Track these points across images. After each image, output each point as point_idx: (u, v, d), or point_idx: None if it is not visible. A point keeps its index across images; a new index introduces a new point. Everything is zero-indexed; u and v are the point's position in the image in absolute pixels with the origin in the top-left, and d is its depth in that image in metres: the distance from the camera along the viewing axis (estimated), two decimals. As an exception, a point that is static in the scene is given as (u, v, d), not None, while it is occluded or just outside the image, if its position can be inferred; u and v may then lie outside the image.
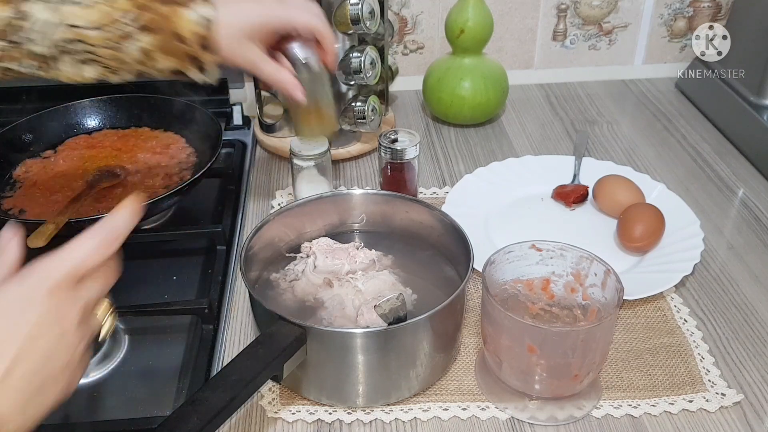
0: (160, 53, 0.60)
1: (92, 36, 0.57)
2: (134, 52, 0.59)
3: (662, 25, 1.24)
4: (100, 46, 0.58)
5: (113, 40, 0.58)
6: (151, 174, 0.92)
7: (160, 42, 0.59)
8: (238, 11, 0.63)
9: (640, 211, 0.84)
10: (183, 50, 0.60)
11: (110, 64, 0.60)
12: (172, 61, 0.61)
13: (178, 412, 0.54)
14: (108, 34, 0.57)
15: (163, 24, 0.59)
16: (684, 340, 0.73)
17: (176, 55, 0.60)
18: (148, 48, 0.59)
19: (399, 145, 0.86)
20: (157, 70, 0.62)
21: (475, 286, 0.80)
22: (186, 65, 0.61)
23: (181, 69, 0.62)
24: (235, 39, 0.63)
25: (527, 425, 0.65)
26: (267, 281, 0.76)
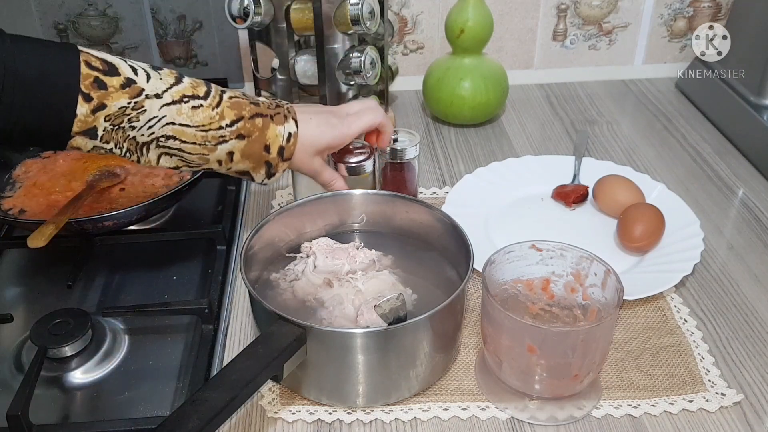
0: (241, 157, 0.67)
1: (190, 134, 0.63)
2: (221, 154, 0.66)
3: (662, 25, 1.24)
4: (195, 143, 0.64)
5: (208, 140, 0.65)
6: (151, 174, 0.92)
7: (246, 148, 0.67)
8: (314, 134, 0.73)
9: (640, 211, 0.84)
10: (263, 157, 0.69)
11: (191, 160, 0.66)
12: (247, 164, 0.68)
13: (178, 412, 0.54)
14: (206, 135, 0.64)
15: (256, 134, 0.67)
16: (684, 340, 0.73)
17: (255, 160, 0.68)
18: (233, 151, 0.67)
19: (399, 145, 0.86)
20: (228, 169, 0.69)
21: (475, 286, 0.80)
22: (258, 169, 0.69)
23: (251, 171, 0.69)
24: (307, 154, 0.73)
25: (527, 425, 0.65)
26: (267, 281, 0.76)
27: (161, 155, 0.64)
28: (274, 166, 0.71)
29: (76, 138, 0.60)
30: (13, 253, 0.89)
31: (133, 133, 0.61)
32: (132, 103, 0.60)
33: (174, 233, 0.89)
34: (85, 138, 0.60)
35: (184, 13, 1.16)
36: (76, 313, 0.74)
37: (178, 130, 0.63)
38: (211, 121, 0.65)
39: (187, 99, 0.64)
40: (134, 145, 0.62)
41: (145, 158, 0.64)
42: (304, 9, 0.95)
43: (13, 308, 0.80)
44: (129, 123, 0.61)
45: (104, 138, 0.61)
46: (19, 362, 0.73)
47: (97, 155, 0.94)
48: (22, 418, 0.62)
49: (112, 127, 0.60)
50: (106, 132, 0.60)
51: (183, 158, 0.66)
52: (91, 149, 0.62)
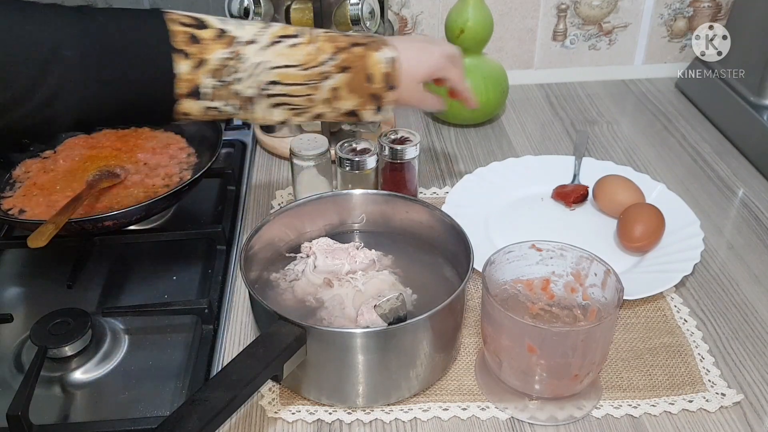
0: (346, 91, 0.65)
1: (293, 75, 0.62)
2: (325, 91, 0.64)
3: (662, 25, 1.24)
4: (298, 84, 0.63)
5: (313, 78, 0.63)
6: (151, 174, 0.92)
7: (350, 81, 0.65)
8: (415, 58, 0.71)
9: (640, 211, 0.84)
10: (368, 89, 0.66)
11: (299, 104, 0.64)
12: (354, 99, 0.66)
13: (178, 412, 0.54)
14: (309, 73, 0.62)
15: (357, 63, 0.65)
16: (684, 340, 0.73)
17: (360, 93, 0.66)
18: (338, 86, 0.65)
19: (399, 145, 0.86)
20: (335, 109, 0.67)
21: (475, 286, 0.80)
22: (365, 103, 0.67)
23: (359, 108, 0.67)
24: (413, 80, 0.71)
25: (527, 425, 0.65)
26: (267, 281, 0.76)
27: (270, 107, 0.63)
28: (380, 97, 0.68)
29: (183, 102, 0.59)
30: (13, 253, 0.89)
31: (238, 87, 0.60)
32: (229, 53, 0.59)
33: (174, 233, 0.89)
34: (192, 100, 0.59)
35: (184, 13, 1.16)
36: (76, 313, 0.74)
37: (281, 73, 0.62)
38: (311, 57, 0.63)
39: (282, 39, 0.62)
40: (242, 100, 0.61)
41: (256, 114, 0.63)
42: (304, 9, 0.95)
43: (13, 308, 0.80)
44: (232, 75, 0.59)
45: (211, 96, 0.59)
46: (19, 362, 0.73)
47: (98, 155, 0.95)
48: (22, 418, 0.62)
49: (217, 82, 0.59)
50: (212, 90, 0.59)
51: (291, 104, 0.64)
52: (201, 113, 0.60)
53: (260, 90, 0.61)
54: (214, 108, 0.60)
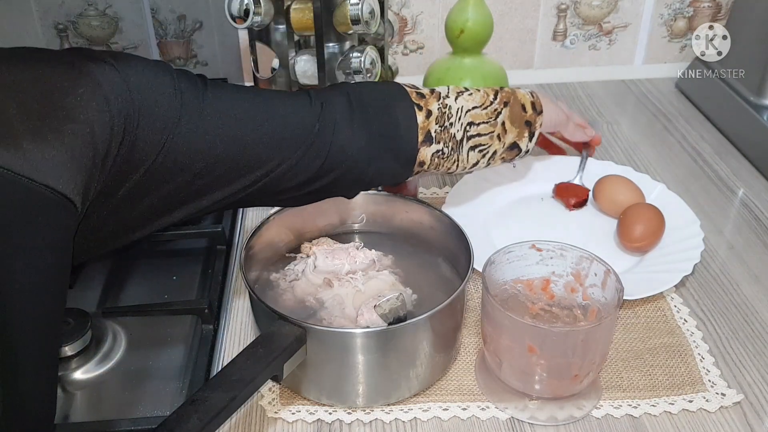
0: (509, 123, 0.75)
1: (480, 114, 0.73)
2: (498, 125, 0.75)
3: (662, 25, 1.24)
4: (484, 123, 0.73)
5: (491, 116, 0.74)
6: (151, 174, 0.92)
7: (511, 113, 0.75)
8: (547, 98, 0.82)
9: (640, 211, 0.84)
10: (523, 117, 0.76)
11: (484, 143, 0.74)
12: (514, 130, 0.76)
13: (178, 412, 0.54)
14: (487, 111, 0.74)
15: (512, 98, 0.76)
16: (684, 340, 0.73)
17: (518, 123, 0.76)
18: (505, 119, 0.75)
19: (399, 145, 0.86)
20: (503, 144, 0.76)
21: (475, 286, 0.80)
22: (522, 133, 0.76)
23: (518, 138, 0.76)
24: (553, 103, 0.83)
25: (527, 425, 0.65)
26: (267, 281, 0.76)
27: (470, 149, 0.73)
28: (533, 123, 0.77)
29: (420, 150, 0.70)
30: (13, 253, 0.89)
31: (452, 130, 0.71)
32: (440, 104, 0.71)
33: (174, 233, 0.89)
34: (425, 145, 0.70)
35: (184, 13, 1.16)
36: (76, 313, 0.74)
37: (473, 114, 0.73)
38: (485, 99, 0.74)
39: (461, 91, 0.74)
40: (455, 142, 0.72)
41: (462, 156, 0.73)
42: (304, 9, 0.95)
43: (13, 308, 0.80)
44: (447, 121, 0.71)
45: (436, 139, 0.70)
46: (19, 362, 0.73)
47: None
48: (22, 418, 0.62)
49: (439, 128, 0.70)
50: (436, 134, 0.70)
51: (480, 144, 0.74)
52: (429, 159, 0.71)
53: (464, 131, 0.72)
54: (439, 151, 0.71)
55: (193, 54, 1.20)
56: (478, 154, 0.74)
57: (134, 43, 1.18)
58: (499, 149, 0.76)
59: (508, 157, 0.77)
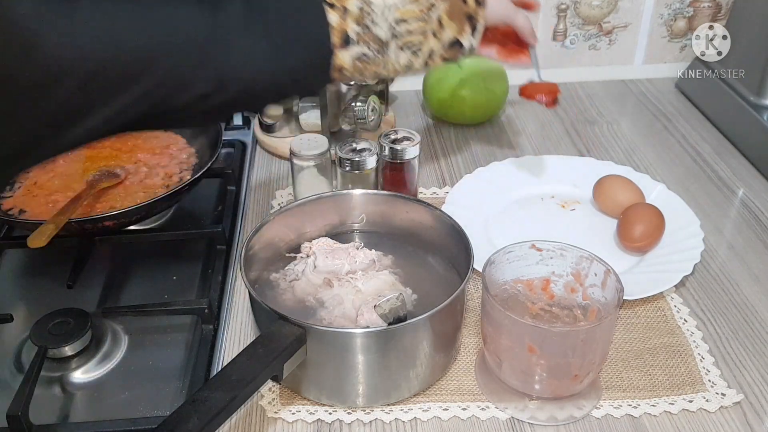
0: (447, 18, 0.70)
1: (411, 11, 0.67)
2: (433, 21, 0.69)
3: (662, 25, 1.24)
4: (417, 20, 0.68)
5: (423, 11, 0.68)
6: (151, 174, 0.92)
7: (450, 7, 0.70)
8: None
9: (640, 211, 0.84)
10: (463, 10, 0.71)
11: (416, 42, 0.69)
12: (454, 25, 0.70)
13: (178, 412, 0.54)
14: (419, 6, 0.68)
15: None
16: (684, 340, 0.73)
17: (458, 17, 0.71)
18: (441, 15, 0.69)
19: (399, 145, 0.86)
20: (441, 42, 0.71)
21: (475, 286, 0.80)
22: (463, 27, 0.71)
23: (458, 34, 0.71)
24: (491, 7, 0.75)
25: (527, 425, 0.65)
26: (267, 281, 0.76)
27: (398, 50, 0.68)
28: (475, 17, 0.72)
29: (337, 54, 0.64)
30: (13, 253, 0.89)
31: (376, 31, 0.66)
32: (360, 1, 0.65)
33: (174, 233, 0.89)
34: (344, 49, 0.64)
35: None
36: (76, 313, 0.74)
37: (403, 10, 0.67)
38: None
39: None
40: (380, 44, 0.67)
41: (389, 57, 0.68)
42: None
43: (13, 308, 0.80)
44: (369, 20, 0.65)
45: (356, 40, 0.65)
46: (19, 362, 0.73)
47: (98, 155, 0.95)
48: (22, 418, 0.62)
49: (359, 29, 0.65)
50: (357, 35, 0.65)
51: (411, 43, 0.69)
52: (352, 64, 0.65)
53: (392, 31, 0.67)
54: (362, 55, 0.66)
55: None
56: (410, 55, 0.69)
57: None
58: (436, 48, 0.70)
59: (449, 56, 0.72)
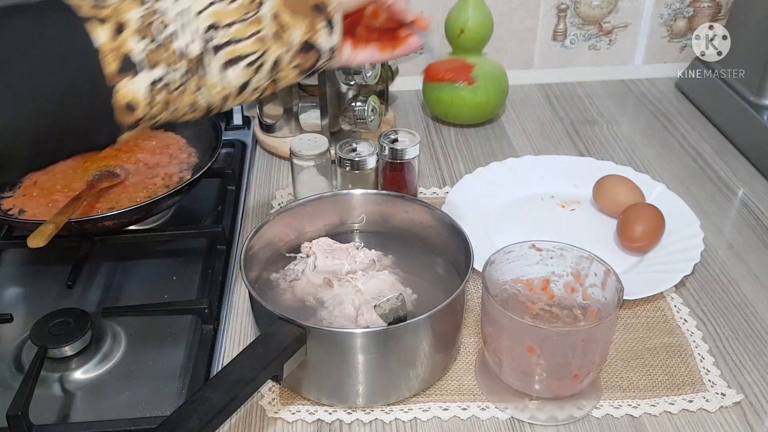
0: (289, 15, 0.55)
1: (225, 12, 0.52)
2: (269, 22, 0.54)
3: (662, 25, 1.24)
4: (238, 21, 0.52)
5: (247, 10, 0.53)
6: (151, 174, 0.92)
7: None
8: None
9: (640, 211, 0.84)
10: (308, 1, 0.56)
11: (251, 51, 0.53)
12: (300, 22, 0.55)
13: (178, 412, 0.54)
14: (238, 4, 0.52)
15: None
16: (684, 340, 0.73)
17: (303, 11, 0.55)
18: (277, 11, 0.54)
19: (399, 145, 0.86)
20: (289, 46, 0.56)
21: (475, 286, 0.80)
22: (314, 24, 0.56)
23: (311, 35, 0.56)
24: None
25: (527, 425, 0.65)
26: (267, 281, 0.76)
27: (223, 66, 0.52)
28: (325, 6, 0.57)
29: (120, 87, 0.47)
30: (13, 253, 0.89)
31: (177, 44, 0.49)
32: (145, 10, 0.49)
33: (174, 233, 0.89)
34: (128, 77, 0.47)
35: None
36: (76, 313, 0.74)
37: (210, 13, 0.51)
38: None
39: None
40: (189, 61, 0.50)
41: (210, 79, 0.52)
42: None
43: (13, 308, 0.80)
44: (163, 31, 0.49)
45: (147, 62, 0.48)
46: (19, 362, 0.73)
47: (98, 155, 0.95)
48: (22, 418, 0.62)
49: (150, 44, 0.48)
50: (146, 54, 0.48)
51: (243, 55, 0.53)
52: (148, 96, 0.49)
53: (204, 43, 0.50)
54: (160, 82, 0.49)
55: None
56: (246, 70, 0.53)
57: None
58: (283, 55, 0.55)
59: (305, 63, 0.57)
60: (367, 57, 0.68)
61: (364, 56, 0.67)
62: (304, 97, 1.06)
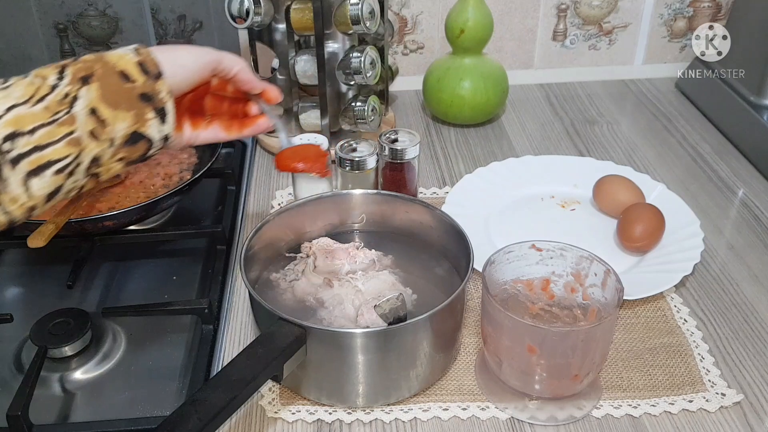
0: (108, 108, 0.50)
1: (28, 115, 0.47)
2: (84, 119, 0.49)
3: (662, 25, 1.24)
4: (45, 125, 0.47)
5: (56, 109, 0.48)
6: (151, 174, 0.92)
7: (103, 91, 0.50)
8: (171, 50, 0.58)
9: (640, 211, 0.84)
10: (131, 91, 0.52)
11: (64, 155, 0.48)
12: (124, 114, 0.51)
13: (178, 412, 0.54)
14: (47, 104, 0.47)
15: (97, 67, 0.51)
16: (684, 340, 0.73)
17: (126, 102, 0.51)
18: (94, 105, 0.49)
19: (399, 145, 0.86)
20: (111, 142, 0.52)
21: (475, 286, 0.80)
22: (142, 113, 0.52)
23: (138, 125, 0.52)
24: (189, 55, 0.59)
25: (527, 425, 0.65)
26: (267, 281, 0.76)
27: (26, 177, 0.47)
28: (153, 95, 0.52)
29: None
30: (13, 253, 0.89)
31: None
32: None
33: (174, 233, 0.89)
34: None
35: (184, 13, 1.16)
36: (76, 313, 0.74)
37: (9, 120, 0.46)
38: (34, 88, 0.48)
39: None
40: None
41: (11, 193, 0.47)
42: (304, 9, 0.95)
43: (13, 308, 0.80)
44: None
45: None
46: (19, 362, 0.73)
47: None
48: (22, 418, 0.62)
49: None
50: None
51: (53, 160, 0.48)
52: None
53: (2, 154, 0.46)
54: None
55: (193, 54, 1.20)
56: (55, 177, 0.48)
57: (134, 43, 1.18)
58: (104, 151, 0.51)
59: (132, 154, 0.53)
60: (211, 137, 0.65)
61: (206, 136, 0.65)
62: (304, 97, 1.06)
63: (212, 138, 0.66)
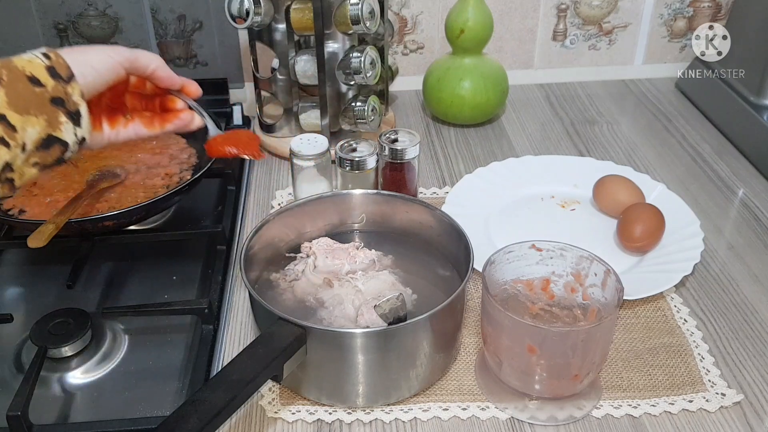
0: (16, 114, 0.49)
1: None
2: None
3: (662, 25, 1.24)
4: None
5: None
6: (151, 174, 0.92)
7: (9, 97, 0.49)
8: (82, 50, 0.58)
9: (640, 211, 0.84)
10: (42, 95, 0.51)
11: None
12: (35, 120, 0.50)
13: (178, 412, 0.54)
14: None
15: (5, 72, 0.50)
16: (684, 340, 0.73)
17: (36, 106, 0.51)
18: (3, 111, 0.49)
19: (399, 145, 0.86)
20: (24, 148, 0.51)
21: (475, 286, 0.80)
22: (55, 118, 0.51)
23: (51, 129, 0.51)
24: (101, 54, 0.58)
25: (527, 425, 0.65)
26: (267, 281, 0.76)
27: None
28: (66, 99, 0.52)
29: None
30: (13, 253, 0.89)
31: None
32: None
33: (174, 233, 0.89)
34: None
35: (184, 13, 1.16)
36: (76, 313, 0.74)
37: None
38: None
39: None
40: None
41: None
42: (304, 9, 0.95)
43: (13, 308, 0.80)
44: None
45: None
46: (19, 362, 0.73)
47: (98, 155, 0.95)
48: (22, 418, 0.62)
49: None
50: None
51: None
52: None
53: None
54: None
55: (192, 54, 1.20)
56: None
57: (134, 43, 1.18)
58: (15, 157, 0.50)
59: (47, 158, 0.53)
60: (131, 134, 0.65)
61: (127, 134, 0.65)
62: (304, 97, 1.06)
63: (134, 135, 0.65)
